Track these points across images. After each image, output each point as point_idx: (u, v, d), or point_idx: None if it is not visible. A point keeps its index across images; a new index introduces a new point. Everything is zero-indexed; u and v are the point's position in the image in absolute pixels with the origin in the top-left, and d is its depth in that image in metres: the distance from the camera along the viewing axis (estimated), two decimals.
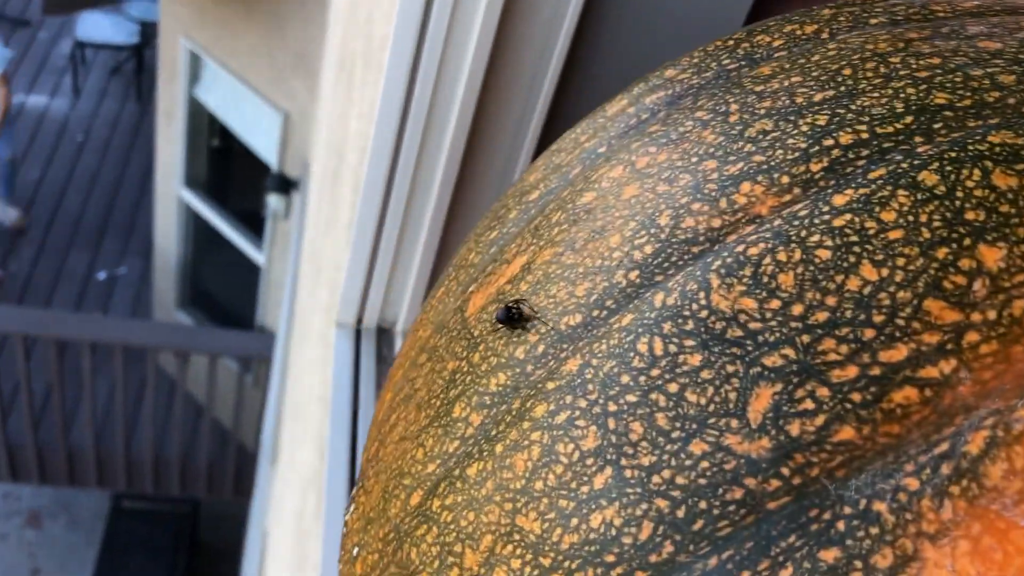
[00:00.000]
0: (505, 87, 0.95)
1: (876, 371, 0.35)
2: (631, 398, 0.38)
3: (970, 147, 0.38)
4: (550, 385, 0.41)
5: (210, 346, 4.67)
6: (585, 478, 0.38)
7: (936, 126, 0.39)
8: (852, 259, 0.36)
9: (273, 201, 4.96)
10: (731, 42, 0.51)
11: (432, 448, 0.46)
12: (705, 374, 0.37)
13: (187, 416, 5.11)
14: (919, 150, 0.39)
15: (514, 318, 0.44)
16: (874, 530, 0.33)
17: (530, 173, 0.56)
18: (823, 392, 0.35)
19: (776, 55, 0.49)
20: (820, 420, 0.35)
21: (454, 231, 1.10)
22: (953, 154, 0.38)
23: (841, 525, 0.34)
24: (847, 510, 0.34)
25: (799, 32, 0.50)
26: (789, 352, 0.36)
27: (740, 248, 0.39)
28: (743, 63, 0.49)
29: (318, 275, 2.16)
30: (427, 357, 0.52)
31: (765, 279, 0.37)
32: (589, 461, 0.38)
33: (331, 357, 1.24)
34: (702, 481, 0.36)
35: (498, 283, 0.48)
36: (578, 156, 0.52)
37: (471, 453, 0.43)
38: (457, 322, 0.50)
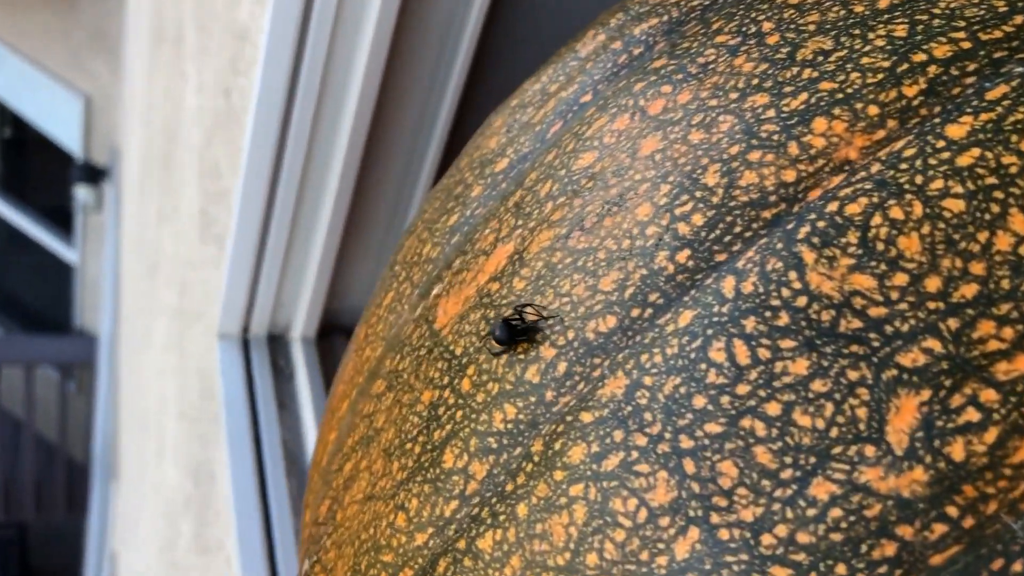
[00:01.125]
0: (416, 43, 0.82)
1: None
2: (713, 428, 0.28)
3: None
4: (586, 417, 0.30)
5: (24, 354, 4.29)
6: (661, 545, 0.27)
7: None
8: (995, 208, 0.27)
9: (81, 193, 4.55)
10: None
11: (419, 512, 0.34)
12: (818, 386, 0.27)
13: (4, 433, 4.78)
14: None
15: (516, 329, 0.33)
16: None
17: (487, 137, 0.44)
18: (989, 396, 0.25)
19: None
20: (992, 435, 0.25)
21: (363, 216, 0.96)
22: None
23: None
24: None
25: None
26: (933, 344, 0.26)
27: (832, 207, 0.28)
28: None
29: (154, 272, 1.95)
30: (386, 385, 0.40)
31: (880, 246, 0.27)
32: (664, 521, 0.28)
33: (215, 372, 1.08)
34: (835, 537, 0.26)
35: (477, 282, 0.37)
36: (554, 109, 0.41)
37: (479, 518, 0.32)
38: (423, 337, 0.39)
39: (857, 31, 0.32)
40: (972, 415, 0.25)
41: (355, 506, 0.38)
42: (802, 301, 0.27)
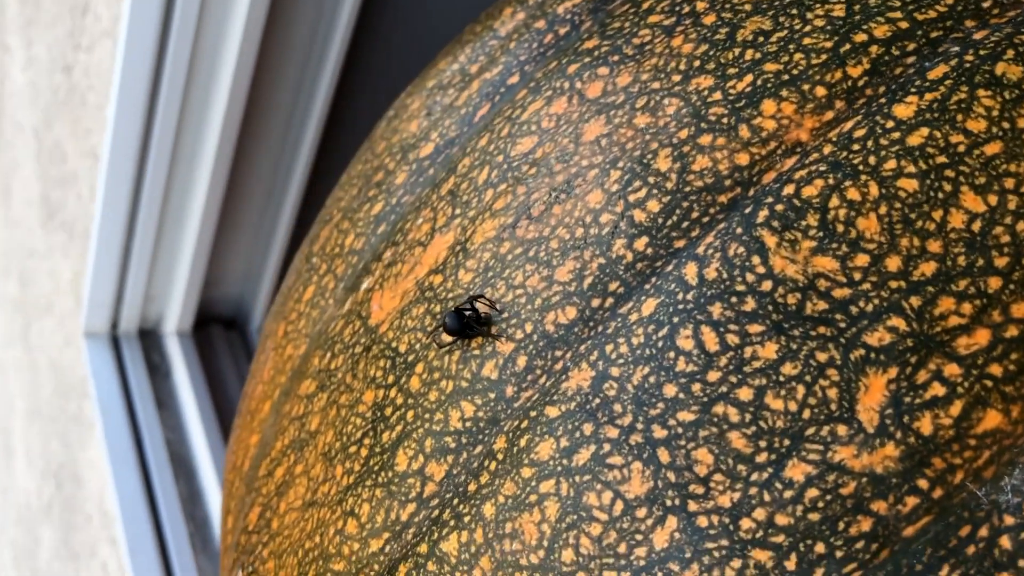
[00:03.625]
0: (293, 17, 0.78)
1: (1014, 331, 0.26)
2: (686, 416, 0.27)
3: None
4: (552, 412, 0.29)
5: None
6: (639, 537, 0.27)
7: (985, 3, 0.31)
8: (948, 187, 0.27)
9: None
10: None
11: (372, 517, 0.33)
12: (789, 369, 0.27)
13: None
14: (976, 36, 0.30)
15: (467, 321, 0.32)
16: None
17: (405, 120, 0.43)
18: (952, 370, 0.26)
19: None
20: (956, 408, 0.26)
21: (238, 201, 0.91)
22: None
23: (1006, 542, 0.25)
24: (1009, 520, 0.25)
25: None
26: (898, 323, 0.27)
27: (789, 189, 0.29)
28: None
29: None
30: (317, 385, 0.38)
31: (840, 227, 0.28)
32: (641, 512, 0.27)
33: (79, 371, 1.02)
34: (813, 516, 0.26)
35: (416, 274, 0.36)
36: (478, 91, 0.40)
37: (441, 520, 0.31)
38: (357, 333, 0.37)
39: (795, 11, 0.32)
40: (938, 390, 0.26)
41: (294, 513, 0.37)
42: (767, 285, 0.28)
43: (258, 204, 0.91)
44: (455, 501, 0.31)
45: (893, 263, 0.27)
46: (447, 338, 0.32)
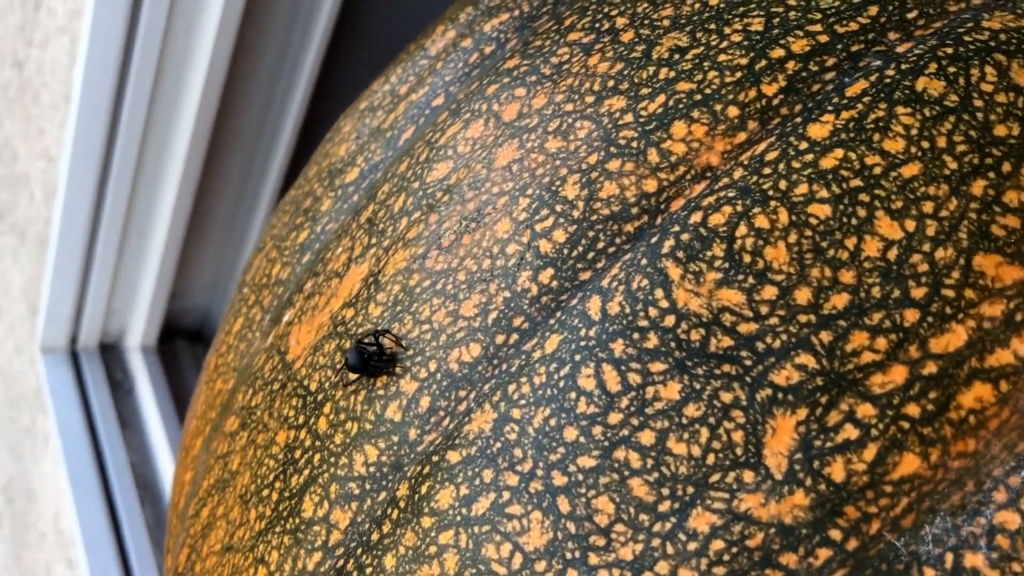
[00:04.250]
0: (265, 25, 0.75)
1: (932, 368, 0.24)
2: (587, 462, 0.26)
3: (967, 39, 0.28)
4: (453, 457, 0.28)
5: None
6: None
7: (910, 15, 0.29)
8: (862, 212, 0.26)
9: None
10: None
11: (280, 566, 0.31)
12: (692, 410, 0.25)
13: None
14: (899, 50, 0.29)
15: (372, 361, 0.30)
16: None
17: (336, 145, 0.41)
18: (866, 411, 0.24)
19: None
20: (871, 452, 0.24)
21: (206, 210, 0.87)
22: (949, 50, 0.28)
23: None
24: (929, 573, 0.24)
25: None
26: (807, 360, 0.25)
27: (696, 217, 0.27)
28: None
29: None
30: (239, 423, 0.37)
31: (747, 257, 0.26)
32: (540, 566, 0.26)
33: (31, 383, 0.98)
34: (718, 571, 0.24)
35: (331, 308, 0.34)
36: (404, 114, 0.38)
37: (345, 571, 0.29)
38: (275, 369, 0.36)
39: (713, 26, 0.31)
40: (850, 432, 0.24)
41: (213, 558, 0.35)
42: (670, 320, 0.26)
43: (227, 212, 0.88)
44: (359, 551, 0.29)
45: (802, 295, 0.25)
46: (353, 376, 0.31)
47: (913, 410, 0.24)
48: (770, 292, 0.25)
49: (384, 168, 0.37)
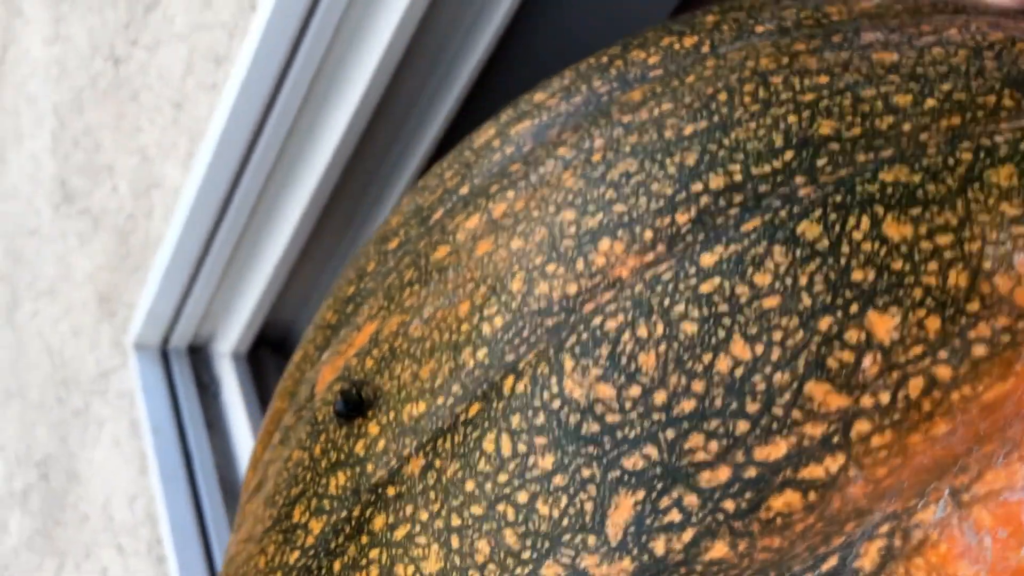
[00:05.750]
0: (430, 48, 0.76)
1: (752, 472, 0.29)
2: (476, 510, 0.32)
3: (859, 189, 0.32)
4: (391, 491, 0.35)
5: None
6: None
7: (820, 163, 0.34)
8: (721, 334, 0.31)
9: None
10: (604, 59, 0.45)
11: (273, 557, 0.39)
12: (558, 480, 0.31)
13: None
14: (800, 193, 0.33)
15: (354, 404, 0.38)
16: None
17: (394, 214, 0.49)
18: (691, 500, 0.29)
19: (651, 75, 0.43)
20: (688, 535, 0.29)
21: (330, 228, 0.86)
22: (839, 198, 0.32)
23: None
24: None
25: (677, 46, 0.43)
26: (651, 451, 0.30)
27: (597, 320, 0.33)
28: (615, 86, 0.43)
29: None
30: (280, 439, 0.46)
31: (624, 360, 0.31)
32: None
33: (135, 385, 0.96)
34: None
35: (347, 355, 0.42)
36: (439, 198, 0.46)
37: (310, 568, 0.37)
38: (306, 398, 0.44)
39: (659, 156, 0.36)
40: (675, 516, 0.29)
41: (240, 544, 0.44)
42: (556, 404, 0.32)
43: (336, 241, 0.89)
44: (321, 555, 0.37)
45: (660, 397, 0.30)
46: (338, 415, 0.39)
47: (729, 505, 0.29)
48: (635, 391, 0.31)
49: (413, 244, 0.44)
